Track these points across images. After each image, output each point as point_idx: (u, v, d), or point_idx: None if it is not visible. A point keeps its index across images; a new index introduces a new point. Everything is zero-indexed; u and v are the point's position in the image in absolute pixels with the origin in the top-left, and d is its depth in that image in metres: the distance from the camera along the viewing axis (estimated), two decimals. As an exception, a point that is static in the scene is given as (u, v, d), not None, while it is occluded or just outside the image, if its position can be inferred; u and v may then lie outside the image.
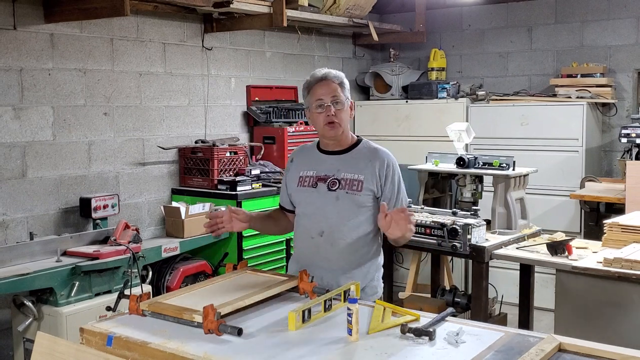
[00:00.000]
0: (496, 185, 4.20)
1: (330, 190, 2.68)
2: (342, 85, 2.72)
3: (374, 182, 2.68)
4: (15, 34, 3.99)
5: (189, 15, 4.97)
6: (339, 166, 2.71)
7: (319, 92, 2.68)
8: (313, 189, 2.72)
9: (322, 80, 2.70)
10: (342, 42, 6.52)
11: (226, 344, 2.04)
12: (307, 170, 2.76)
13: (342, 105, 2.68)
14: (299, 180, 2.77)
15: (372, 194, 2.69)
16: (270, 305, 2.40)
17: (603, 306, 3.32)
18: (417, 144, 5.92)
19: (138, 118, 4.70)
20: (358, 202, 2.67)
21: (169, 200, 4.90)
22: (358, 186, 2.67)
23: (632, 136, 4.75)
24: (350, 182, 2.68)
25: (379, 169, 2.70)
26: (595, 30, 5.81)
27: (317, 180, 2.72)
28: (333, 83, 2.69)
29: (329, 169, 2.72)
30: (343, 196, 2.67)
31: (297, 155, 2.88)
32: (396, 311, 2.31)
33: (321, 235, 2.68)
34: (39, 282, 3.55)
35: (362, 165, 2.70)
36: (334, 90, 2.68)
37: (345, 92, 2.72)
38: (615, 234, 3.65)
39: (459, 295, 4.66)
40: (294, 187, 2.79)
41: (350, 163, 2.71)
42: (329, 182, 2.69)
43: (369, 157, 2.72)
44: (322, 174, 2.72)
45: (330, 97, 2.67)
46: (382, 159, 2.72)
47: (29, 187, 4.11)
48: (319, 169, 2.74)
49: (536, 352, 1.91)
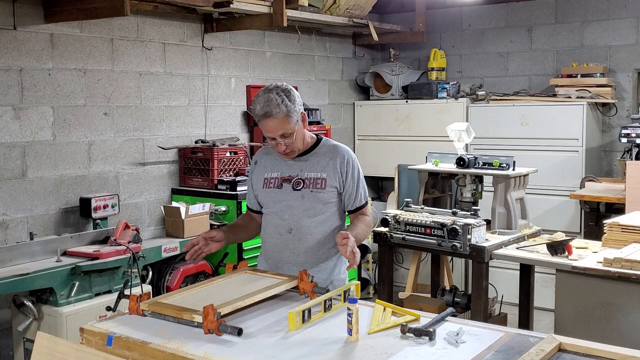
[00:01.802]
0: (496, 185, 4.20)
1: (295, 189, 2.77)
2: (289, 113, 2.61)
3: (336, 178, 2.77)
4: (15, 34, 3.99)
5: (189, 15, 4.97)
6: (302, 167, 2.79)
7: (266, 128, 2.66)
8: (278, 189, 2.79)
9: (266, 117, 2.62)
10: (342, 42, 6.52)
11: (226, 344, 2.04)
12: (272, 172, 2.83)
13: (292, 135, 2.67)
14: (264, 182, 2.84)
15: (336, 190, 2.78)
16: (270, 305, 2.40)
17: (603, 306, 3.32)
18: (417, 144, 5.93)
19: (138, 118, 4.70)
20: (322, 199, 2.76)
21: (169, 200, 4.90)
22: (322, 184, 2.76)
23: (632, 136, 4.75)
24: (314, 180, 2.76)
25: (340, 165, 2.77)
26: (595, 30, 5.81)
27: (282, 182, 2.80)
28: (278, 118, 2.60)
29: (292, 170, 2.80)
30: (308, 194, 2.75)
31: (261, 158, 2.92)
32: (396, 311, 2.31)
33: (290, 232, 2.77)
34: (39, 282, 3.55)
35: (324, 164, 2.78)
36: (279, 127, 2.62)
37: (293, 118, 2.63)
38: (615, 234, 3.65)
39: (459, 295, 4.66)
40: (260, 189, 2.86)
41: (313, 162, 2.79)
42: (294, 183, 2.77)
43: (329, 155, 2.79)
44: (286, 175, 2.80)
45: (278, 134, 2.65)
46: (342, 156, 2.79)
47: (29, 187, 4.11)
48: (282, 170, 2.81)
49: (536, 352, 1.91)
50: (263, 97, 2.62)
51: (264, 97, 2.62)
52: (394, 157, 5.97)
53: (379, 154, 6.35)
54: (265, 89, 2.66)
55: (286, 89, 2.66)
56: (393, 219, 4.19)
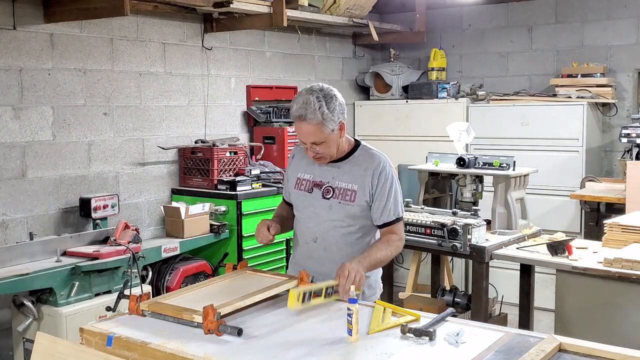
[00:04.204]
0: (496, 185, 4.20)
1: (325, 198, 2.67)
2: (324, 121, 2.50)
3: (366, 191, 2.64)
4: (15, 34, 3.98)
5: (189, 15, 4.97)
6: (335, 174, 2.69)
7: (299, 131, 2.58)
8: (309, 193, 2.71)
9: (299, 120, 2.52)
10: (342, 42, 6.52)
11: (226, 344, 2.04)
12: (305, 173, 2.75)
13: (323, 143, 2.56)
14: (296, 182, 2.77)
15: (366, 203, 2.65)
16: (270, 305, 2.40)
17: (603, 306, 3.32)
18: (417, 144, 5.92)
19: (138, 118, 4.70)
20: (350, 212, 2.64)
21: (169, 200, 4.90)
22: (351, 196, 2.64)
23: (633, 136, 4.74)
24: (344, 191, 2.64)
25: (372, 176, 2.64)
26: (595, 30, 5.80)
27: (313, 186, 2.71)
28: (311, 124, 2.49)
29: (325, 175, 2.69)
30: (336, 205, 2.65)
31: (298, 153, 2.84)
32: (396, 311, 2.31)
33: (315, 241, 2.71)
34: (39, 282, 3.55)
35: (358, 175, 2.65)
36: (313, 132, 2.51)
37: (327, 127, 2.51)
38: (616, 234, 3.65)
39: (459, 296, 4.66)
40: (292, 188, 2.80)
41: (346, 171, 2.67)
42: (324, 190, 2.68)
43: (364, 165, 2.67)
44: (317, 180, 2.71)
45: (309, 142, 2.56)
46: (377, 166, 2.66)
47: (29, 187, 4.11)
48: (315, 173, 2.72)
49: (536, 352, 1.91)
50: (302, 98, 2.50)
51: (303, 97, 2.50)
52: (394, 157, 5.84)
53: (379, 154, 6.34)
54: (308, 89, 2.54)
55: (329, 94, 2.53)
56: (393, 219, 4.18)
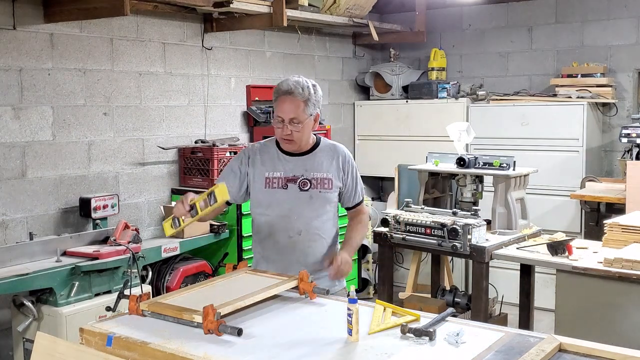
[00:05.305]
0: (496, 185, 4.20)
1: (303, 190, 2.75)
2: (308, 101, 2.68)
3: (339, 177, 2.83)
4: (15, 34, 3.98)
5: (189, 15, 4.97)
6: (306, 166, 2.79)
7: (281, 107, 2.69)
8: (284, 190, 2.76)
9: (287, 95, 2.68)
10: (342, 42, 6.52)
11: (226, 344, 2.03)
12: (273, 172, 2.78)
13: (300, 125, 2.68)
14: (265, 181, 2.78)
15: (339, 189, 2.84)
16: (270, 305, 2.40)
17: (603, 306, 3.32)
18: (417, 144, 5.92)
19: (138, 118, 4.70)
20: (329, 199, 2.81)
21: (169, 200, 4.90)
22: (329, 184, 2.79)
23: (633, 136, 4.74)
24: (321, 181, 2.78)
25: (342, 164, 2.83)
26: (595, 30, 5.80)
27: (286, 182, 2.76)
28: (297, 99, 2.66)
29: (296, 169, 2.78)
30: (316, 195, 2.77)
31: (254, 155, 2.83)
32: (396, 311, 2.31)
33: (300, 234, 2.77)
34: (39, 282, 3.55)
35: (327, 164, 2.81)
36: (295, 109, 2.66)
37: (309, 108, 2.69)
38: (616, 234, 3.65)
39: (459, 296, 4.66)
40: (261, 189, 2.79)
41: (317, 163, 2.80)
42: (300, 183, 2.76)
43: (330, 155, 2.83)
44: (290, 175, 2.77)
45: (289, 117, 2.67)
46: (343, 154, 2.85)
47: (29, 187, 4.11)
48: (285, 169, 2.78)
49: (536, 352, 1.91)
50: (292, 79, 2.71)
51: (294, 79, 2.71)
52: (394, 157, 5.96)
53: (379, 154, 6.35)
54: (297, 76, 2.76)
55: (315, 84, 2.76)
56: (393, 219, 4.19)
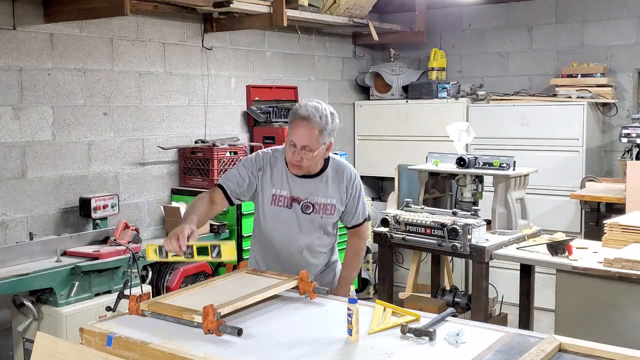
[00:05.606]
0: (496, 185, 4.20)
1: (305, 213, 2.78)
2: (324, 130, 2.65)
3: (342, 202, 2.85)
4: (15, 34, 3.98)
5: (189, 15, 4.97)
6: (312, 190, 2.79)
7: (295, 131, 2.66)
8: (288, 209, 2.79)
9: (303, 120, 2.63)
10: (342, 42, 6.52)
11: (226, 344, 2.04)
12: (280, 190, 2.79)
13: (312, 154, 2.66)
14: (272, 198, 2.79)
15: (340, 212, 2.87)
16: (270, 305, 2.40)
17: (603, 306, 3.32)
18: (417, 144, 5.92)
19: (138, 118, 4.70)
20: (331, 222, 2.87)
21: (169, 200, 4.90)
22: (331, 210, 2.82)
23: (633, 136, 4.74)
24: (324, 206, 2.80)
25: (346, 187, 2.84)
26: (595, 30, 5.80)
27: (291, 201, 2.78)
28: (313, 127, 2.62)
29: (302, 191, 2.78)
30: (318, 219, 2.81)
31: (266, 167, 2.81)
32: (396, 311, 2.31)
33: (301, 252, 2.82)
34: (39, 282, 3.55)
35: (333, 189, 2.81)
36: (309, 137, 2.63)
37: (323, 137, 2.66)
38: (616, 234, 3.65)
39: (459, 296, 4.66)
40: (267, 204, 2.80)
41: (322, 188, 2.80)
42: (303, 205, 2.78)
43: (337, 179, 2.83)
44: (295, 195, 2.79)
45: (302, 144, 2.64)
46: (348, 177, 2.85)
47: (29, 187, 4.10)
48: (291, 189, 2.79)
49: (536, 352, 1.91)
50: (312, 104, 2.67)
51: (312, 104, 2.67)
52: (394, 157, 5.96)
53: (379, 154, 6.35)
54: (317, 102, 2.70)
55: (334, 113, 2.72)
56: (393, 219, 4.19)
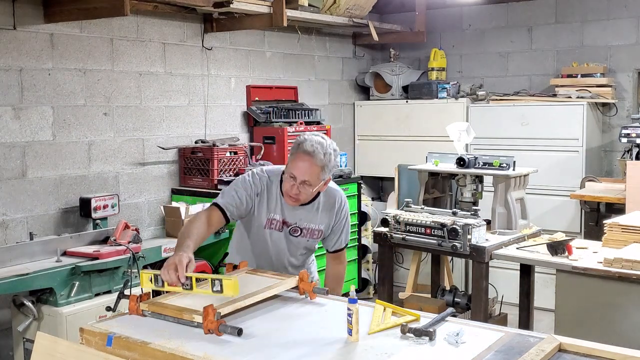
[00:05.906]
0: (496, 185, 4.20)
1: (292, 235, 2.88)
2: (325, 167, 2.68)
3: (329, 227, 2.93)
4: (15, 34, 3.98)
5: (189, 15, 4.97)
6: (302, 216, 2.86)
7: (296, 164, 2.67)
8: (279, 232, 2.87)
9: (306, 155, 2.65)
10: (342, 42, 6.52)
11: (226, 344, 2.04)
12: (274, 214, 2.85)
13: (311, 189, 2.70)
14: (267, 222, 2.85)
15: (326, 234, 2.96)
16: (270, 305, 2.40)
17: (603, 306, 3.32)
18: (417, 144, 5.92)
19: (138, 118, 4.70)
20: (315, 243, 2.98)
21: (169, 200, 4.90)
22: (318, 235, 2.92)
23: (633, 136, 4.74)
24: (311, 231, 2.89)
25: (335, 215, 2.91)
26: (595, 30, 5.80)
27: (282, 224, 2.86)
28: (315, 164, 2.65)
29: (292, 216, 2.86)
30: (304, 242, 2.92)
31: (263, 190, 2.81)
32: (396, 311, 2.31)
33: (285, 269, 2.91)
34: (39, 282, 3.55)
35: (323, 216, 2.89)
36: (310, 173, 2.66)
37: (324, 174, 2.70)
38: (616, 234, 3.65)
39: (459, 296, 4.66)
40: (262, 228, 2.85)
41: (313, 215, 2.87)
42: (291, 229, 2.88)
43: (327, 207, 2.89)
44: (286, 219, 2.86)
45: (302, 179, 2.67)
46: (339, 205, 2.91)
47: (29, 187, 4.11)
48: (283, 213, 2.85)
49: (536, 352, 1.91)
50: (316, 139, 2.68)
51: (317, 139, 2.68)
52: (394, 157, 5.97)
53: (379, 154, 6.35)
54: (321, 137, 2.70)
55: (336, 149, 2.75)
56: (393, 219, 4.19)
